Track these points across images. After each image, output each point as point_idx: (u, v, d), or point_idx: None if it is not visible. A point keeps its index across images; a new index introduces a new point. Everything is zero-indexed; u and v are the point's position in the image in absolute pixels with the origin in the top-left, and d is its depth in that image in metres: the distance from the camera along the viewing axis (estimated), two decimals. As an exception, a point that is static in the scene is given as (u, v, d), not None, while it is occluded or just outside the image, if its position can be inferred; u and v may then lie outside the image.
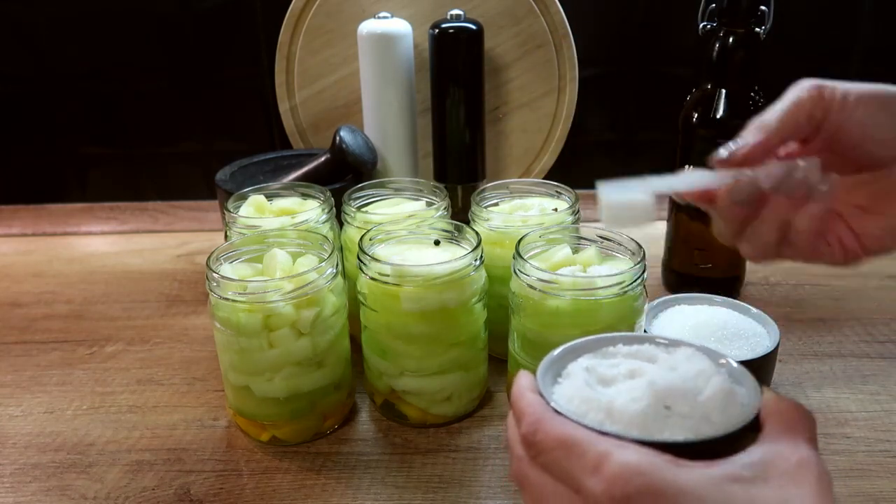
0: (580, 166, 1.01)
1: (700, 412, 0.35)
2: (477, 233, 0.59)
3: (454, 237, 0.61)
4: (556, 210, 0.66)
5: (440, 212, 0.66)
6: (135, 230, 1.02)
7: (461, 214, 0.82)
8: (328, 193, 0.67)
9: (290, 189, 0.70)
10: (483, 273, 0.58)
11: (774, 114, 0.39)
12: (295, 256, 0.59)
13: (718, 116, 0.71)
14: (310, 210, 0.65)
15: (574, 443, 0.32)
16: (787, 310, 0.76)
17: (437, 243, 0.60)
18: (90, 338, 0.76)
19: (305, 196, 0.70)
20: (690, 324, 0.62)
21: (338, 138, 0.78)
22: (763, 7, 0.69)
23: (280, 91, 0.92)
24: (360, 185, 0.70)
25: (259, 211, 0.67)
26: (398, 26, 0.82)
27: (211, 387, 0.67)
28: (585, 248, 0.60)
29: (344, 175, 0.79)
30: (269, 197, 0.68)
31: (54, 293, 0.86)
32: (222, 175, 0.80)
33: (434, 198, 0.69)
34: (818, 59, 0.96)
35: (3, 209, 1.05)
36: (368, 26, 0.82)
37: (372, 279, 0.56)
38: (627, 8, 0.94)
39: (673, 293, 0.71)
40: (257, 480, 0.55)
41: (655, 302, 0.66)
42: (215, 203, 0.88)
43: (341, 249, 0.67)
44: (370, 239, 0.59)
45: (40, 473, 0.57)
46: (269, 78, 0.93)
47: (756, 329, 0.62)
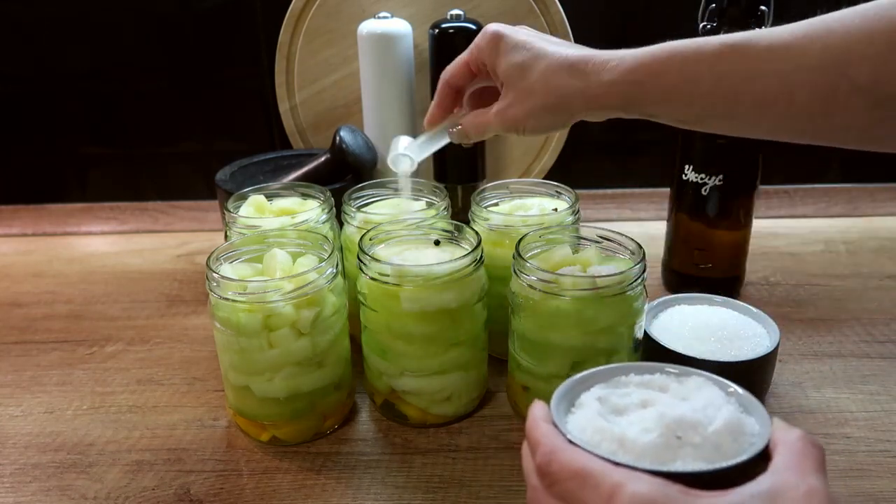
0: (580, 166, 1.01)
1: (711, 442, 0.36)
2: (477, 233, 0.59)
3: (454, 237, 0.61)
4: (556, 210, 0.66)
5: (440, 212, 0.66)
6: (135, 230, 1.02)
7: (461, 214, 0.82)
8: (328, 193, 0.67)
9: (290, 189, 0.70)
10: (483, 273, 0.58)
11: (448, 69, 0.58)
12: (295, 256, 0.59)
13: (718, 116, 0.71)
14: (310, 210, 0.65)
15: (588, 473, 0.33)
16: (787, 310, 0.76)
17: (437, 243, 0.60)
18: (90, 338, 0.76)
19: (305, 196, 0.70)
20: (690, 324, 0.62)
21: (338, 138, 0.78)
22: (763, 7, 0.69)
23: (280, 91, 0.92)
24: (360, 185, 0.70)
25: (259, 211, 0.67)
26: (398, 26, 0.82)
27: (211, 387, 0.67)
28: (585, 248, 0.60)
29: (344, 175, 0.79)
30: (269, 197, 0.68)
31: (54, 293, 0.86)
32: (222, 175, 0.80)
33: (434, 198, 0.69)
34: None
35: (3, 209, 1.06)
36: (368, 26, 0.82)
37: (372, 279, 0.56)
38: (627, 8, 0.94)
39: (673, 293, 0.71)
40: (257, 480, 0.55)
41: (655, 302, 0.66)
42: (215, 203, 0.88)
43: (341, 249, 0.67)
44: (370, 239, 0.59)
45: (40, 473, 0.57)
46: (269, 78, 0.93)
47: (756, 329, 0.62)
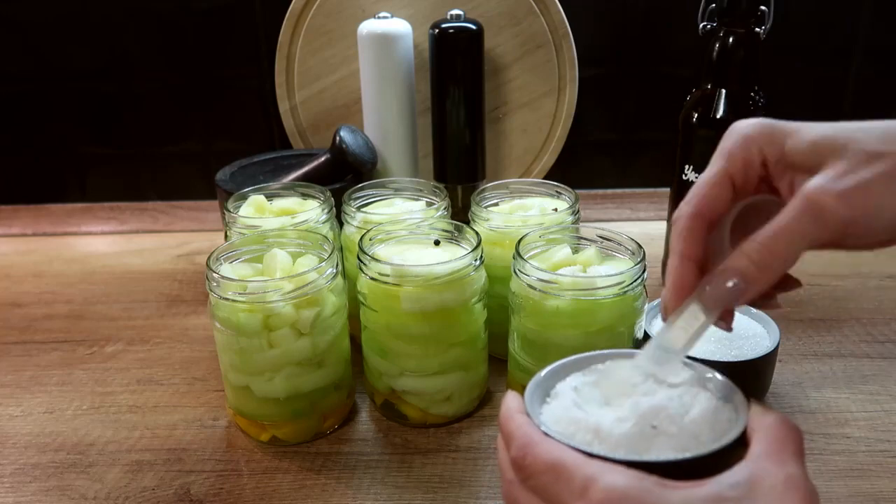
0: (580, 166, 1.01)
1: (687, 430, 0.35)
2: (477, 233, 0.59)
3: (454, 237, 0.61)
4: (556, 210, 0.66)
5: (440, 212, 0.66)
6: (135, 230, 1.02)
7: (461, 214, 0.82)
8: (328, 193, 0.67)
9: (290, 189, 0.70)
10: (483, 273, 0.58)
11: (693, 200, 0.38)
12: (295, 256, 0.59)
13: (718, 116, 0.71)
14: (310, 210, 0.65)
15: (562, 467, 0.33)
16: (787, 310, 0.76)
17: (437, 243, 0.60)
18: (90, 338, 0.76)
19: (305, 196, 0.69)
20: (690, 324, 0.62)
21: (338, 138, 0.78)
22: (763, 7, 0.69)
23: (280, 91, 0.93)
24: (360, 185, 0.70)
25: (259, 211, 0.67)
26: (398, 26, 0.82)
27: (211, 387, 0.67)
28: (585, 248, 0.60)
29: (344, 175, 0.79)
30: (269, 197, 0.68)
31: (54, 293, 0.86)
32: (222, 175, 0.80)
33: (434, 198, 0.69)
34: (818, 59, 0.96)
35: (3, 209, 1.06)
36: (368, 26, 0.82)
37: (372, 279, 0.56)
38: (627, 8, 0.94)
39: (673, 293, 0.71)
40: (257, 480, 0.55)
41: (655, 302, 0.65)
42: (215, 203, 0.88)
43: (341, 249, 0.67)
44: (370, 239, 0.59)
45: (40, 473, 0.57)
46: (269, 78, 0.94)
47: (756, 329, 0.62)
